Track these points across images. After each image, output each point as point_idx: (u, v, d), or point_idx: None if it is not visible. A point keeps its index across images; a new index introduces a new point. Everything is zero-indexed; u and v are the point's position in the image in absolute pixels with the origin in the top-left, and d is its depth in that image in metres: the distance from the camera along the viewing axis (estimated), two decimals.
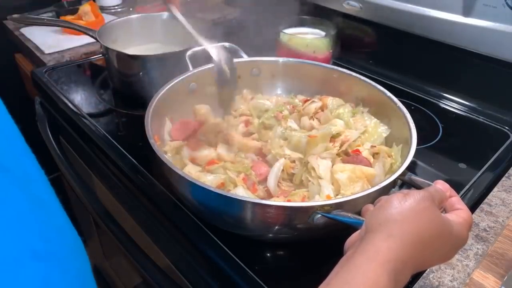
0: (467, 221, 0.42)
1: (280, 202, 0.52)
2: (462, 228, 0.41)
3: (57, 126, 0.94)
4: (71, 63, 1.07)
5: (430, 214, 0.39)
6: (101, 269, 1.37)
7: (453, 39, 0.88)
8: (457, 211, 0.43)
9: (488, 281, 0.52)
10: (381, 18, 1.00)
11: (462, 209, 0.43)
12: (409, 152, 0.54)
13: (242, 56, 0.80)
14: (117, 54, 0.86)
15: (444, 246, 0.40)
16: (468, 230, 0.42)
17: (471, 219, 0.43)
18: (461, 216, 0.42)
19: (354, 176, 0.56)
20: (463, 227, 0.41)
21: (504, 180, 0.69)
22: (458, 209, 0.43)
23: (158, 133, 0.66)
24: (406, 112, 0.62)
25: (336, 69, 0.75)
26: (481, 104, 0.89)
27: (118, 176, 0.72)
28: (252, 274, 0.52)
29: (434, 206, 0.40)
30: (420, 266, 0.39)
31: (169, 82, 0.69)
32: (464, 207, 0.44)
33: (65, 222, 0.31)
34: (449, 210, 0.44)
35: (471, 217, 0.43)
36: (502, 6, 0.78)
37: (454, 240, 0.40)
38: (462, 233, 0.41)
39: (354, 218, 0.44)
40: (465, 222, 0.42)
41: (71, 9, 1.27)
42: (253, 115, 0.72)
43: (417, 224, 0.37)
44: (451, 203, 0.44)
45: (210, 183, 0.57)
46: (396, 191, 0.65)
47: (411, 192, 0.40)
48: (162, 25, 1.03)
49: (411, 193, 0.40)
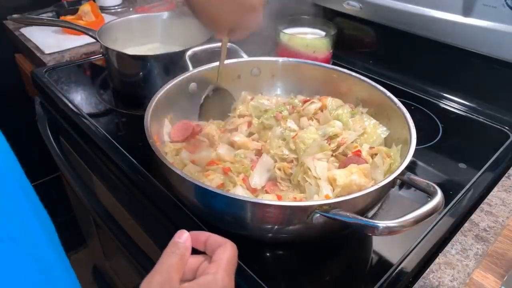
0: (225, 263, 0.40)
1: (280, 202, 0.52)
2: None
3: (57, 126, 0.94)
4: (71, 63, 1.07)
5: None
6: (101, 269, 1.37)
7: (453, 39, 0.88)
8: (217, 257, 0.40)
9: (488, 281, 0.52)
10: (381, 18, 1.00)
11: (222, 248, 0.41)
12: (408, 152, 0.54)
13: (242, 56, 0.80)
14: (117, 54, 0.86)
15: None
16: (230, 269, 0.40)
17: (232, 254, 0.41)
18: (221, 262, 0.40)
19: (349, 173, 0.56)
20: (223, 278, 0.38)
21: (504, 180, 0.69)
22: (218, 251, 0.41)
23: (157, 133, 0.66)
24: (406, 112, 0.62)
25: (336, 69, 0.75)
26: (481, 104, 0.89)
27: (118, 176, 0.72)
28: (252, 274, 0.52)
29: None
30: None
31: (169, 82, 0.69)
32: (223, 246, 0.41)
33: (71, 284, 0.31)
34: (211, 253, 0.42)
35: (232, 250, 0.41)
36: (502, 6, 0.78)
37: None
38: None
39: (353, 218, 0.44)
40: (224, 270, 0.39)
41: (71, 9, 1.27)
42: (252, 116, 0.72)
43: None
44: (210, 246, 0.42)
45: (210, 183, 0.57)
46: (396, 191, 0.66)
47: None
48: (162, 25, 1.03)
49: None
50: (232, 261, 0.41)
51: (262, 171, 0.61)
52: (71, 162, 0.91)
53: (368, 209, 0.55)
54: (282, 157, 0.62)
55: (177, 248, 0.41)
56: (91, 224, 1.13)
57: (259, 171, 0.61)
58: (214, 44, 0.82)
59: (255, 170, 0.60)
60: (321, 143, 0.61)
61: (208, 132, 0.69)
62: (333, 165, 0.61)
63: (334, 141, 0.63)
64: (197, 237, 0.43)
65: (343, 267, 0.56)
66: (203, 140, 0.69)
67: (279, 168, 0.61)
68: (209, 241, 0.43)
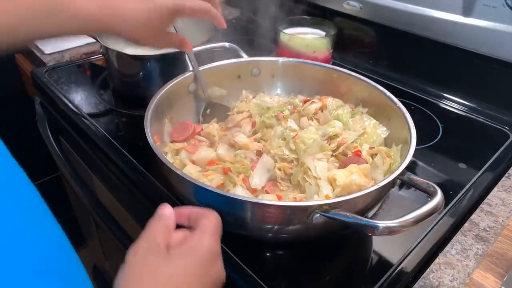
0: (211, 230, 0.41)
1: (280, 202, 0.52)
2: (207, 247, 0.39)
3: (57, 126, 0.94)
4: (71, 63, 1.07)
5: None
6: (101, 269, 1.37)
7: (453, 39, 0.88)
8: (201, 225, 0.41)
9: (488, 281, 0.52)
10: (381, 18, 1.00)
11: (205, 217, 0.42)
12: (408, 152, 0.54)
13: (242, 56, 0.80)
14: (117, 54, 0.86)
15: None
16: (216, 235, 0.41)
17: (215, 221, 0.42)
18: (205, 229, 0.41)
19: (349, 173, 0.56)
20: (207, 244, 0.39)
21: (504, 180, 0.69)
22: (202, 221, 0.42)
23: (158, 133, 0.66)
24: (406, 112, 0.62)
25: (336, 69, 0.75)
26: (481, 104, 0.89)
27: (118, 176, 0.72)
28: (252, 274, 0.52)
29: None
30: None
31: (169, 82, 0.69)
32: (206, 215, 0.42)
33: (61, 235, 0.31)
34: (195, 225, 0.42)
35: (216, 218, 0.42)
36: (502, 6, 0.78)
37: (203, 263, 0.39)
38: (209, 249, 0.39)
39: (353, 218, 0.44)
40: (209, 235, 0.40)
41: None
42: (252, 115, 0.72)
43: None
44: (194, 218, 0.43)
45: (210, 183, 0.57)
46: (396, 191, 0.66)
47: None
48: None
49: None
50: (217, 228, 0.42)
51: (262, 171, 0.61)
52: (71, 162, 0.91)
53: (368, 209, 0.55)
54: (282, 157, 0.62)
55: (162, 219, 0.42)
56: (91, 224, 1.13)
57: (259, 171, 0.61)
58: (214, 44, 0.82)
59: (255, 170, 0.60)
60: (321, 143, 0.61)
61: (208, 132, 0.69)
62: (333, 165, 0.61)
63: (334, 141, 0.63)
64: (180, 213, 0.44)
65: (343, 267, 0.56)
66: (203, 140, 0.70)
67: (279, 168, 0.61)
68: (192, 214, 0.44)
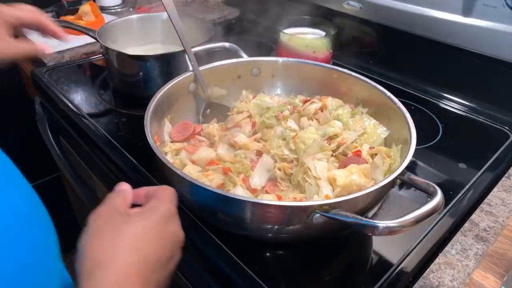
0: (166, 197, 0.43)
1: (280, 202, 0.52)
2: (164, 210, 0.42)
3: (57, 126, 0.94)
4: (71, 63, 1.07)
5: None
6: None
7: (453, 39, 0.88)
8: (157, 195, 0.44)
9: (488, 281, 0.52)
10: (381, 18, 1.00)
11: (161, 189, 0.45)
12: (408, 152, 0.54)
13: (242, 56, 0.80)
14: (117, 54, 0.86)
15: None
16: (172, 202, 0.43)
17: (171, 191, 0.45)
18: (161, 196, 0.43)
19: (349, 173, 0.56)
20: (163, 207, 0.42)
21: (504, 180, 0.69)
22: (157, 192, 0.44)
23: (158, 133, 0.66)
24: (406, 112, 0.62)
25: (336, 69, 0.75)
26: (481, 104, 0.89)
27: (118, 176, 0.72)
28: (252, 274, 0.52)
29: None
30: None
31: (169, 82, 0.69)
32: (162, 187, 0.45)
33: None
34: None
35: (171, 189, 0.45)
36: (502, 6, 0.78)
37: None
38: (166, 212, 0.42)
39: (353, 218, 0.44)
40: (166, 201, 0.43)
41: (71, 9, 1.27)
42: (252, 115, 0.72)
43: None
44: (151, 195, 0.45)
45: (210, 183, 0.57)
46: (396, 191, 0.66)
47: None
48: (162, 25, 1.03)
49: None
50: (172, 196, 0.45)
51: (262, 171, 0.61)
52: (71, 162, 0.91)
53: (368, 209, 0.55)
54: (282, 157, 0.62)
55: (120, 192, 0.45)
56: None
57: (259, 171, 0.60)
58: (214, 44, 0.82)
59: (255, 170, 0.60)
60: (321, 143, 0.61)
61: (208, 132, 0.69)
62: (333, 165, 0.61)
63: (334, 141, 0.63)
64: (137, 193, 0.46)
65: (343, 267, 0.56)
66: (203, 140, 0.70)
67: (279, 168, 0.61)
68: (149, 192, 0.46)
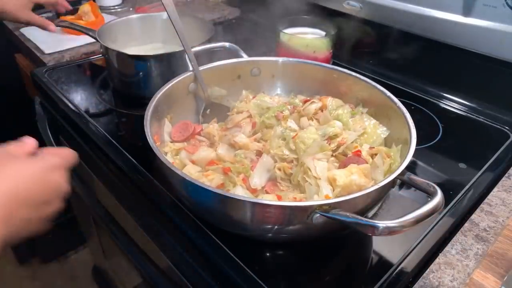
0: (58, 152, 0.48)
1: (280, 202, 0.52)
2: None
3: (57, 126, 0.94)
4: (71, 63, 1.07)
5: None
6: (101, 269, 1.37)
7: (453, 39, 0.88)
8: (52, 151, 0.48)
9: (488, 281, 0.52)
10: (381, 18, 1.00)
11: (58, 149, 0.49)
12: (408, 151, 0.54)
13: (242, 56, 0.80)
14: (117, 54, 0.86)
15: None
16: (62, 158, 0.47)
17: (66, 151, 0.50)
18: (54, 152, 0.48)
19: (349, 173, 0.56)
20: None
21: (504, 180, 0.69)
22: (54, 150, 0.49)
23: (158, 133, 0.66)
24: (406, 112, 0.62)
25: (336, 69, 0.75)
26: (481, 104, 0.89)
27: (118, 176, 0.72)
28: (252, 274, 0.52)
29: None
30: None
31: (169, 82, 0.69)
32: (61, 148, 0.51)
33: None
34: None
35: (68, 149, 0.50)
36: (502, 6, 0.78)
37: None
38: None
39: (353, 218, 0.44)
40: (56, 156, 0.47)
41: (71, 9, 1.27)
42: (252, 115, 0.72)
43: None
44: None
45: (210, 183, 0.57)
46: (396, 191, 0.66)
47: None
48: (162, 25, 1.03)
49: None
50: (68, 155, 0.49)
51: (262, 171, 0.61)
52: None
53: (368, 209, 0.55)
54: (282, 157, 0.62)
55: (19, 142, 0.48)
56: (91, 224, 1.13)
57: (259, 171, 0.60)
58: (214, 44, 0.82)
59: (255, 170, 0.60)
60: (321, 143, 0.61)
61: (208, 132, 0.69)
62: (333, 165, 0.61)
63: (334, 141, 0.63)
64: (41, 150, 0.49)
65: (343, 267, 0.56)
66: (203, 140, 0.69)
67: (279, 168, 0.61)
68: (52, 150, 0.50)
